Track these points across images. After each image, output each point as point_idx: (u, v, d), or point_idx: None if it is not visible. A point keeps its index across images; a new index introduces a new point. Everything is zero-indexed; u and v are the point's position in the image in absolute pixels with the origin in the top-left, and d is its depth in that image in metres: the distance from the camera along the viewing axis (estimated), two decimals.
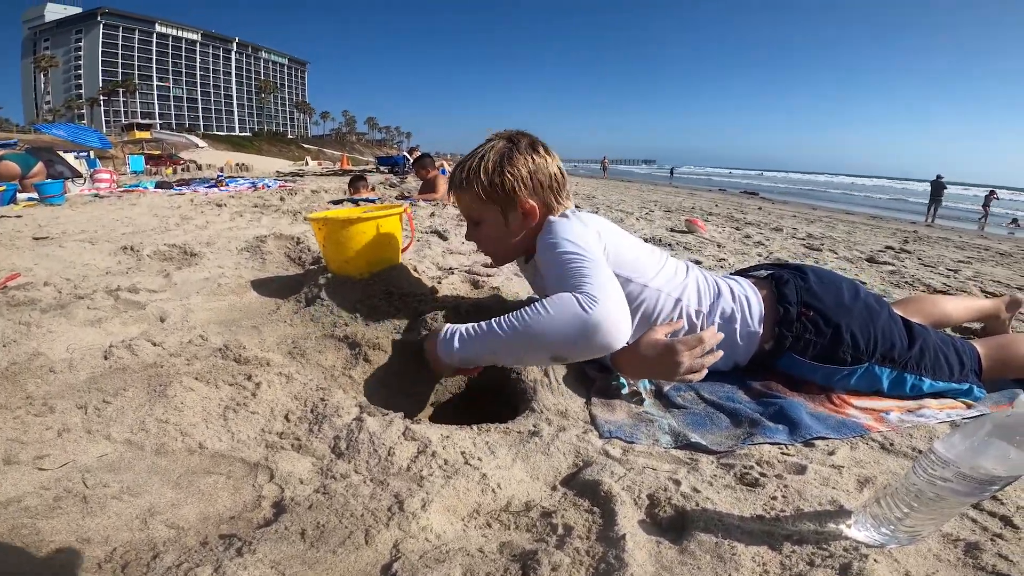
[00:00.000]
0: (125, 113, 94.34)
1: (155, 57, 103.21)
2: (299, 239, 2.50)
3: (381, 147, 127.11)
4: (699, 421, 1.06)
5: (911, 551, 0.67)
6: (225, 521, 0.71)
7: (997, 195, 17.49)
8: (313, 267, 2.02)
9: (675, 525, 0.72)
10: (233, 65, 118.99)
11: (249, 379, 1.06)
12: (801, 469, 0.85)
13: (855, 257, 3.53)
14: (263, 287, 1.85)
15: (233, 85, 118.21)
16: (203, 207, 4.35)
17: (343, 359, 1.25)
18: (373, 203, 4.54)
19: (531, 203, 1.20)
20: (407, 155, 16.04)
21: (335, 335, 1.32)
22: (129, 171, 14.40)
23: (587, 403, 1.12)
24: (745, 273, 1.40)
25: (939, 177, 15.79)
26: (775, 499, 0.76)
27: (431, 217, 3.92)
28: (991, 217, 16.39)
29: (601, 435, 0.98)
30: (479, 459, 0.85)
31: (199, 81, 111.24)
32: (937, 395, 1.16)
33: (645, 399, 1.13)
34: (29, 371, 1.09)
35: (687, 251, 3.24)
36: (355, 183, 5.98)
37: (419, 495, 0.74)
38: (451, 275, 1.94)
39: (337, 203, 4.73)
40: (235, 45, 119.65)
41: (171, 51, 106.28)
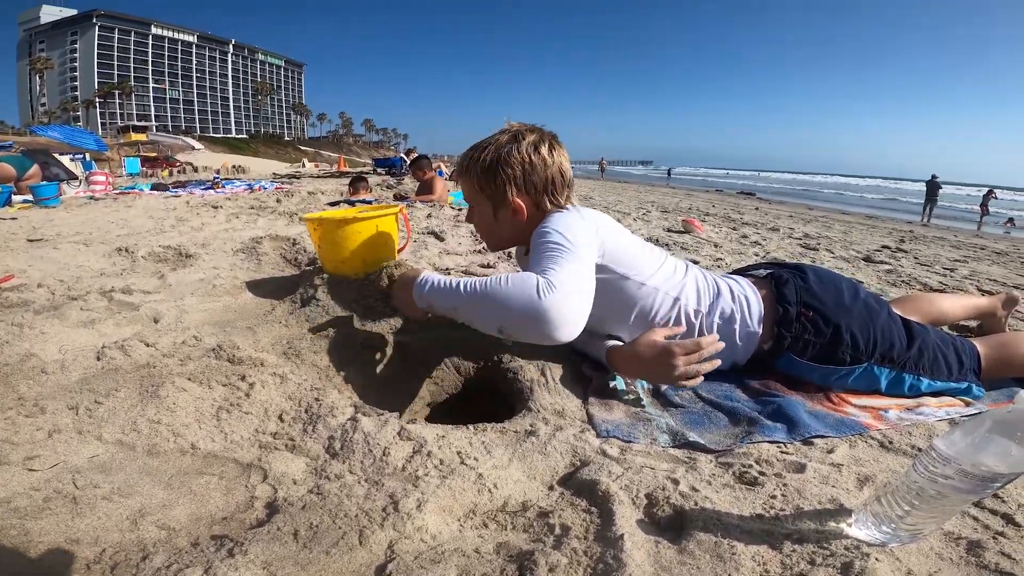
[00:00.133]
0: (121, 115, 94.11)
1: (151, 59, 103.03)
2: (295, 240, 2.49)
3: (378, 149, 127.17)
4: (697, 420, 1.05)
5: (913, 549, 0.66)
6: (217, 522, 0.70)
7: (996, 194, 17.52)
8: (309, 268, 2.01)
9: (674, 525, 0.72)
10: (229, 67, 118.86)
11: (243, 379, 1.05)
12: (800, 468, 0.85)
13: (852, 257, 3.53)
14: (258, 288, 1.84)
15: (229, 87, 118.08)
16: (199, 209, 4.33)
17: (338, 359, 1.24)
18: (370, 204, 4.53)
19: (519, 202, 1.20)
20: (404, 157, 16.04)
21: (330, 335, 1.31)
22: (125, 173, 14.36)
23: (584, 402, 1.11)
24: (744, 272, 1.40)
25: (934, 177, 15.85)
26: (775, 498, 0.76)
27: (428, 218, 3.91)
28: (989, 216, 16.45)
29: (599, 434, 0.97)
30: (475, 459, 0.84)
31: (195, 83, 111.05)
32: (936, 394, 1.16)
33: (643, 398, 1.12)
34: (21, 372, 1.07)
35: (684, 251, 3.24)
36: (355, 184, 5.97)
37: (414, 495, 0.73)
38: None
39: (334, 204, 4.72)
40: (231, 47, 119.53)
41: (167, 53, 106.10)
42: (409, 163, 8.33)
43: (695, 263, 2.77)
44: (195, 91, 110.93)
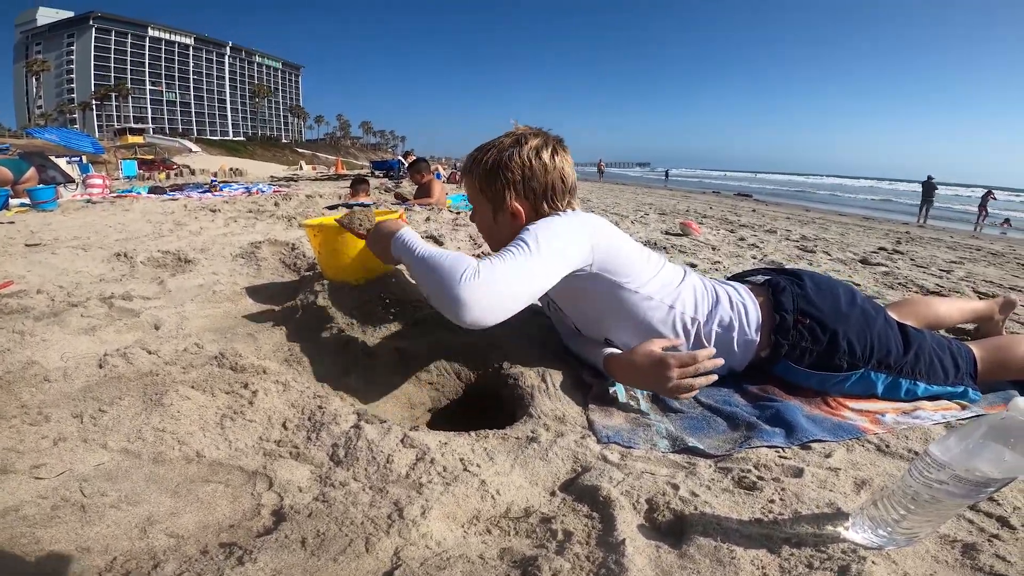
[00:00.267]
0: (118, 117, 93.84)
1: (148, 61, 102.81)
2: (294, 245, 2.49)
3: (376, 151, 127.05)
4: (696, 425, 1.06)
5: (909, 552, 0.68)
6: (225, 529, 0.70)
7: (994, 195, 17.55)
8: (308, 273, 2.01)
9: (674, 529, 0.73)
10: (227, 69, 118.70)
11: (246, 387, 1.05)
12: (798, 472, 0.86)
13: (848, 259, 3.55)
14: (258, 294, 1.84)
15: (227, 89, 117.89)
16: (197, 213, 4.34)
17: (340, 366, 1.25)
18: (367, 208, 4.53)
19: (517, 206, 1.20)
20: (402, 159, 16.04)
21: (332, 342, 1.32)
22: (122, 176, 14.31)
23: (585, 408, 1.12)
24: (742, 278, 1.40)
25: (930, 178, 15.92)
26: (773, 502, 0.77)
27: (426, 222, 3.92)
28: (989, 217, 16.50)
29: (599, 440, 0.98)
30: (478, 465, 0.85)
31: (192, 85, 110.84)
32: (932, 398, 1.17)
33: (642, 404, 1.13)
34: (23, 380, 1.08)
35: (682, 254, 3.25)
36: (356, 186, 5.97)
37: (419, 502, 0.74)
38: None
39: (332, 208, 4.72)
40: (228, 49, 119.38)
41: (164, 55, 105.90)
42: (407, 166, 8.33)
43: (693, 266, 2.79)
44: (192, 93, 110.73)
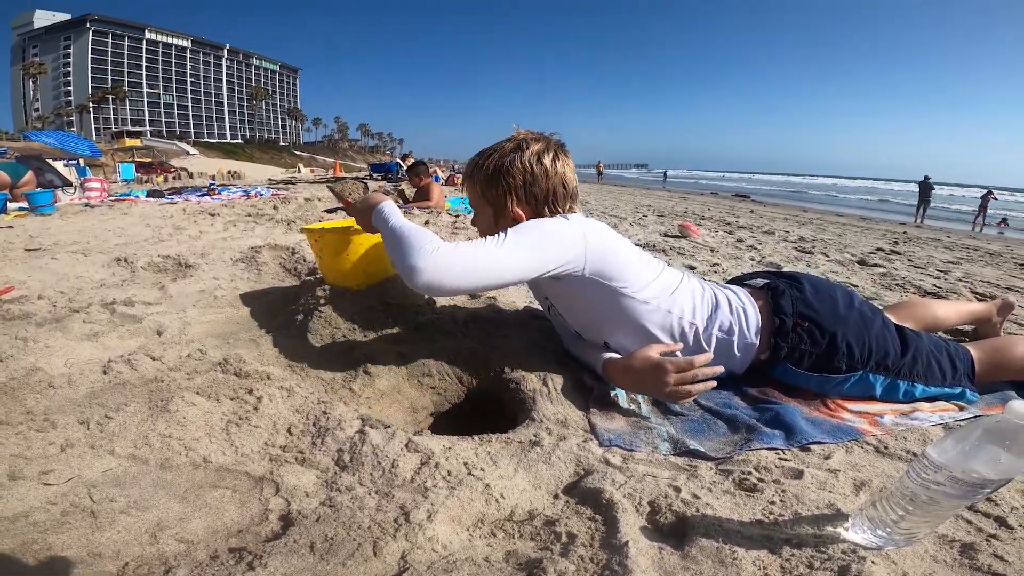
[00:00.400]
0: (115, 120, 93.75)
1: (145, 64, 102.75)
2: (294, 249, 2.50)
3: (374, 154, 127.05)
4: (697, 428, 1.07)
5: (908, 553, 0.69)
6: (233, 535, 0.71)
7: (995, 195, 17.59)
8: (309, 278, 2.02)
9: (676, 531, 0.74)
10: (224, 72, 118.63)
11: (250, 393, 1.06)
12: (798, 474, 0.87)
13: (846, 260, 3.57)
14: (260, 299, 1.85)
15: (224, 92, 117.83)
16: (196, 216, 4.34)
17: (343, 372, 1.26)
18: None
19: (519, 211, 1.21)
20: (400, 162, 16.05)
21: (334, 347, 1.33)
22: (120, 179, 14.30)
23: (586, 412, 1.13)
24: (741, 281, 1.42)
25: (927, 178, 15.97)
26: (773, 504, 0.78)
27: (425, 225, 3.93)
28: (988, 217, 16.55)
29: (601, 443, 0.99)
30: (482, 469, 0.86)
31: (190, 88, 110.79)
32: (930, 399, 1.18)
33: (643, 407, 1.14)
34: (28, 386, 1.09)
35: (681, 256, 3.27)
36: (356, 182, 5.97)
37: (424, 506, 0.75)
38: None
39: (331, 211, 4.72)
40: (226, 52, 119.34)
41: (161, 58, 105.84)
42: (406, 169, 8.35)
43: (691, 268, 2.80)
44: (189, 96, 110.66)
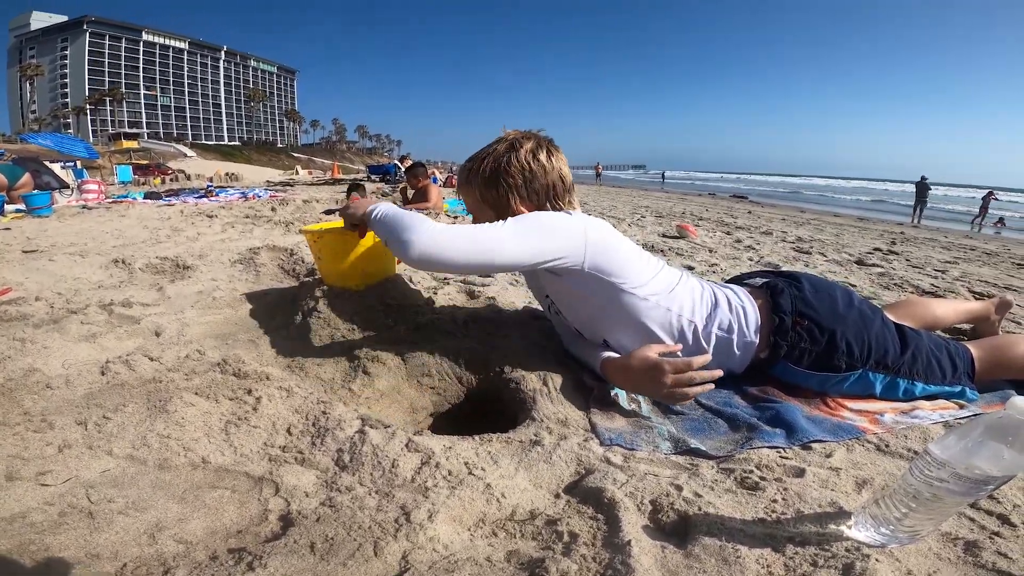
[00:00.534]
0: (112, 122, 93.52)
1: (142, 66, 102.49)
2: (292, 251, 2.49)
3: (372, 155, 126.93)
4: (698, 427, 1.07)
5: (912, 550, 0.68)
6: (233, 535, 0.71)
7: (996, 195, 17.64)
8: (308, 279, 2.02)
9: (678, 530, 0.73)
10: (221, 73, 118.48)
11: (249, 393, 1.06)
12: (800, 472, 0.87)
13: (844, 260, 3.58)
14: (258, 300, 1.84)
15: (221, 94, 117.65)
16: (193, 218, 4.33)
17: (342, 372, 1.25)
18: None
19: (523, 210, 1.21)
20: (398, 163, 16.05)
21: (333, 348, 1.32)
22: (117, 181, 14.26)
23: (586, 411, 1.12)
24: (740, 281, 1.42)
25: (923, 178, 16.02)
26: (776, 502, 0.78)
27: None
28: (987, 216, 16.62)
29: (602, 443, 0.99)
30: (482, 469, 0.86)
31: (187, 90, 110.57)
32: (930, 397, 1.18)
33: (643, 406, 1.14)
34: (25, 387, 1.08)
35: (679, 256, 3.27)
36: (352, 192, 5.97)
37: (425, 506, 0.74)
38: (447, 285, 1.95)
39: (330, 213, 4.72)
40: (223, 53, 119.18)
41: (158, 59, 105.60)
42: (404, 171, 8.35)
43: (690, 269, 2.80)
44: (187, 98, 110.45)
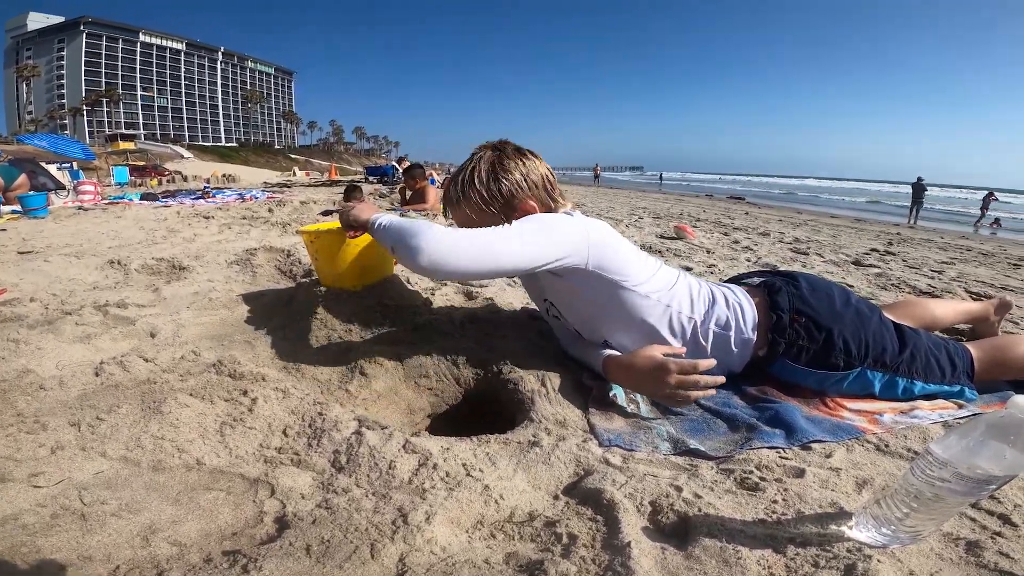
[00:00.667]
0: (108, 123, 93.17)
1: (139, 67, 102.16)
2: (289, 252, 2.48)
3: (369, 157, 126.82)
4: (697, 427, 1.07)
5: (913, 551, 0.68)
6: (227, 537, 0.70)
7: (996, 196, 17.70)
8: (304, 280, 2.01)
9: (678, 531, 0.73)
10: (219, 75, 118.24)
11: (245, 394, 1.05)
12: (800, 472, 0.86)
13: (841, 260, 3.58)
14: (255, 301, 1.83)
15: (219, 95, 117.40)
16: (190, 219, 4.31)
17: (339, 373, 1.24)
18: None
19: (531, 203, 1.22)
20: (396, 165, 16.05)
21: (330, 349, 1.31)
22: (114, 183, 14.23)
23: (585, 412, 1.12)
24: (738, 281, 1.42)
25: (920, 179, 16.07)
26: (776, 503, 0.77)
27: None
28: (986, 217, 16.68)
29: (601, 443, 0.98)
30: (480, 470, 0.85)
31: (184, 91, 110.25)
32: (929, 397, 1.18)
33: (642, 407, 1.13)
34: (19, 388, 1.07)
35: (677, 257, 3.27)
36: (350, 193, 5.96)
37: (422, 508, 0.73)
38: (445, 286, 1.94)
39: (327, 214, 4.71)
40: (220, 55, 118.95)
41: (155, 60, 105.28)
42: (402, 172, 8.34)
43: (688, 269, 2.80)
44: (184, 99, 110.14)
